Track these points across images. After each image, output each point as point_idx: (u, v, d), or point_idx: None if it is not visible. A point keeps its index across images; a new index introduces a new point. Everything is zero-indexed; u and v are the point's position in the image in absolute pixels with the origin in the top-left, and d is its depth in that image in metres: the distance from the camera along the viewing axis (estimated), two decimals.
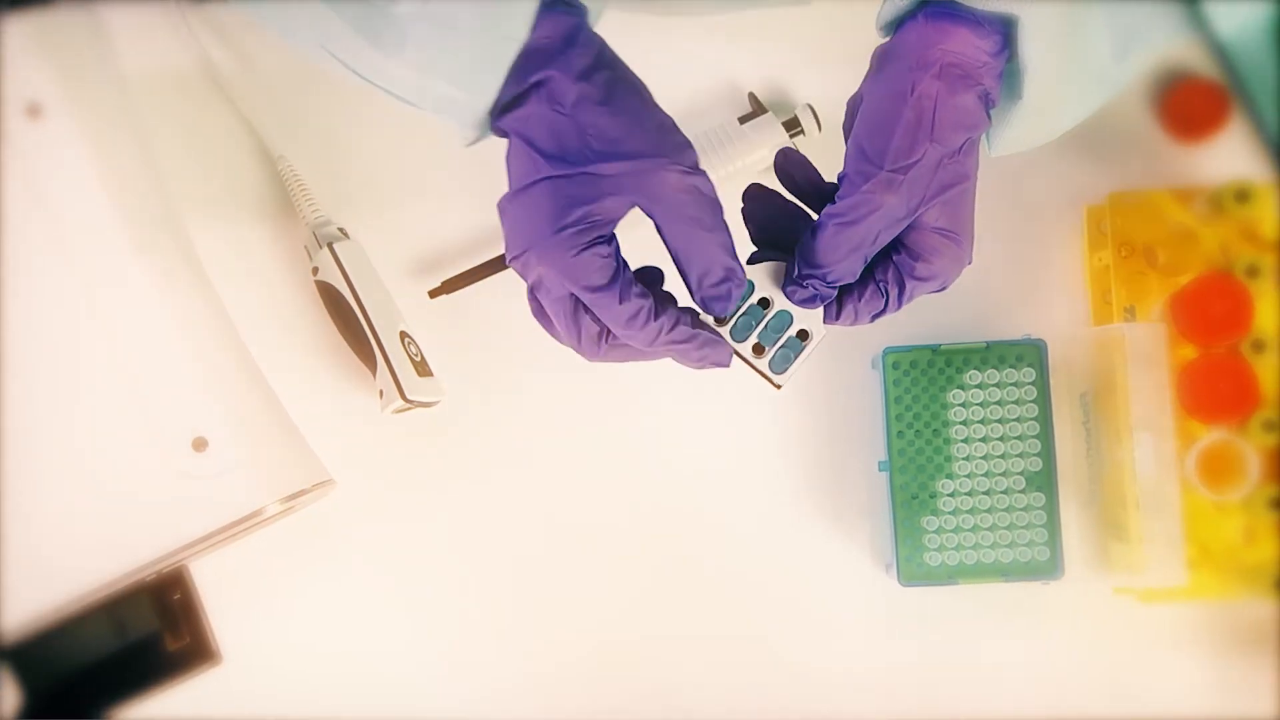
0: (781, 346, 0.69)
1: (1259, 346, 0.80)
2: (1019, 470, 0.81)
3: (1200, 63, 0.86)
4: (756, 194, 0.69)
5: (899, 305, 0.69)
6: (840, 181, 0.67)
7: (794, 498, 0.84)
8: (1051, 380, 0.82)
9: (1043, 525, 0.81)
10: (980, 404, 0.81)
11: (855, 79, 0.69)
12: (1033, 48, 0.66)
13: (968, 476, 0.81)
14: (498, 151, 0.70)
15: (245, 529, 0.76)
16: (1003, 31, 0.66)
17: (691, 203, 0.65)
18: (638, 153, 0.64)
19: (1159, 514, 0.78)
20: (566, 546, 0.84)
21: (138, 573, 0.73)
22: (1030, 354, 0.81)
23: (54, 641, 0.76)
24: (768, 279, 0.69)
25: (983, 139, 0.69)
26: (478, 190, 0.83)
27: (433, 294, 0.83)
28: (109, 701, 0.79)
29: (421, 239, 0.85)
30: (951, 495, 0.81)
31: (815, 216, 0.68)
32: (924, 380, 0.82)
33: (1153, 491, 0.78)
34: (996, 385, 0.81)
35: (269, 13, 0.69)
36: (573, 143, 0.64)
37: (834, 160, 0.68)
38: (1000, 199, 0.85)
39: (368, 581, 0.83)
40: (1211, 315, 0.80)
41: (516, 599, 0.84)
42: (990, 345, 0.82)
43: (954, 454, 0.81)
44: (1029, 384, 0.81)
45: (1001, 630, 0.83)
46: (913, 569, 0.81)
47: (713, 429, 0.85)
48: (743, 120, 0.84)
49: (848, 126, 0.69)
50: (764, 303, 0.69)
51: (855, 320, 0.69)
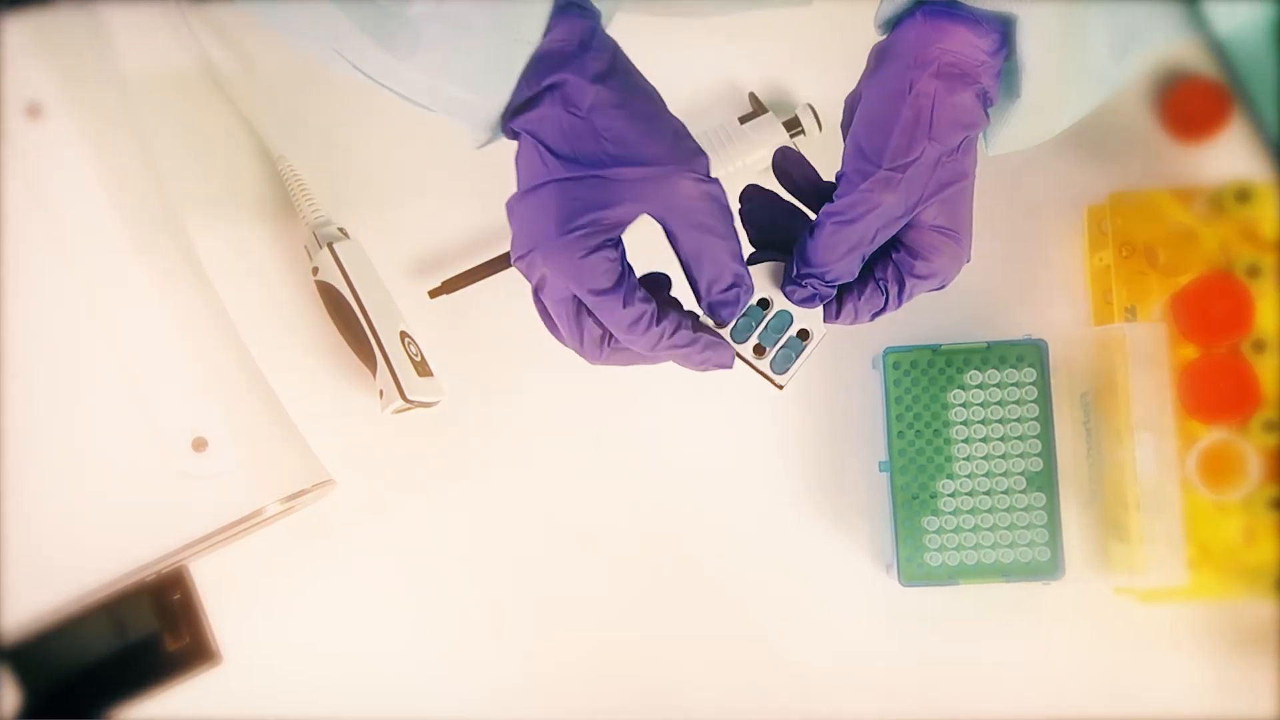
0: (782, 347, 0.69)
1: (1260, 346, 0.80)
2: (1019, 470, 0.81)
3: (1200, 63, 0.86)
4: (754, 195, 0.69)
5: (899, 303, 0.69)
6: (838, 181, 0.66)
7: (794, 498, 0.84)
8: (1052, 380, 0.81)
9: (1043, 525, 0.81)
10: (981, 404, 0.81)
11: (855, 79, 0.69)
12: (1031, 47, 0.66)
13: (968, 477, 0.81)
14: (499, 151, 0.70)
15: (245, 529, 0.75)
16: (1001, 30, 0.66)
17: (705, 210, 0.65)
18: (653, 159, 0.64)
19: (1159, 514, 0.78)
20: (567, 546, 0.84)
21: (137, 573, 0.73)
22: (1031, 354, 0.81)
23: (54, 642, 0.76)
24: (767, 279, 0.69)
25: (980, 137, 0.69)
26: (478, 190, 0.83)
27: (433, 294, 0.83)
28: (108, 702, 0.79)
29: (421, 239, 0.85)
30: (952, 495, 0.81)
31: (813, 216, 0.68)
32: (924, 380, 0.82)
33: (1153, 492, 0.78)
34: (997, 385, 0.81)
35: (278, 14, 0.69)
36: (587, 146, 0.64)
37: (835, 160, 0.68)
38: (1001, 199, 0.85)
39: (368, 582, 0.83)
40: (1212, 315, 0.80)
41: (516, 599, 0.84)
42: (991, 345, 0.82)
43: (954, 454, 0.81)
44: (1030, 384, 0.81)
45: (1002, 630, 0.83)
46: (913, 569, 0.81)
47: (713, 429, 0.85)
48: (743, 120, 0.84)
49: (846, 125, 0.69)
50: (763, 303, 0.69)
51: (855, 319, 0.69)
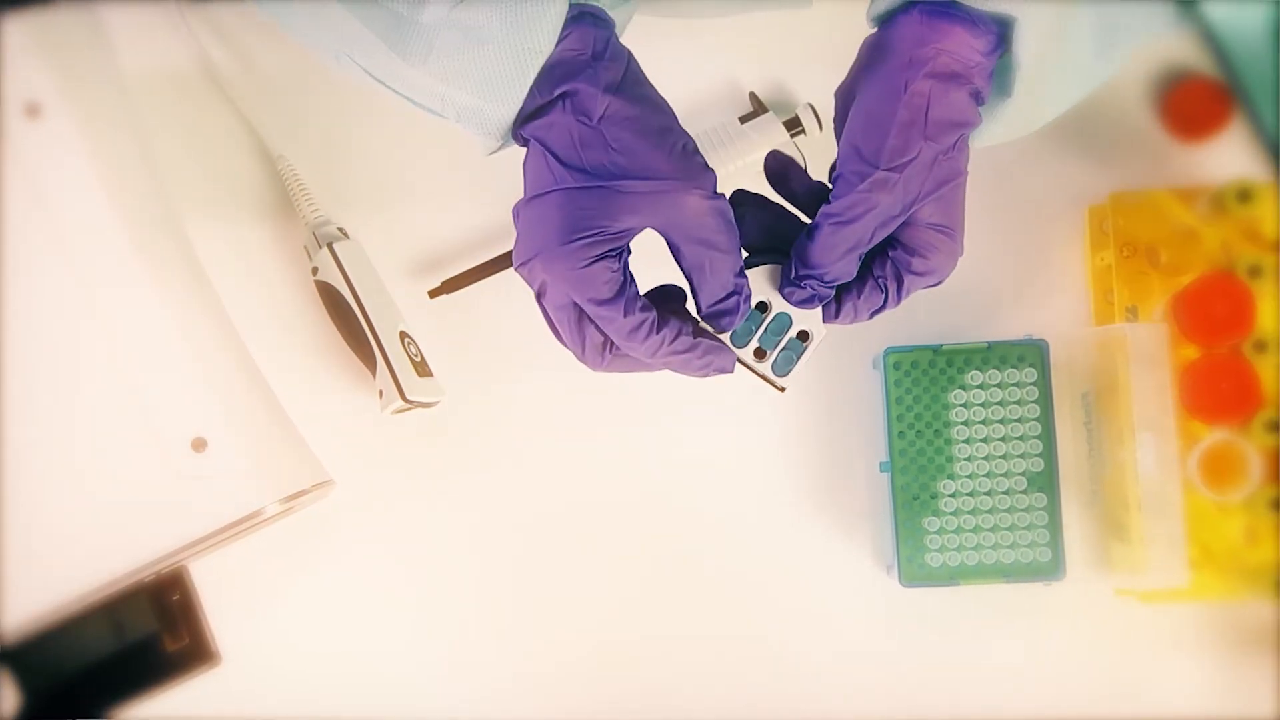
0: (783, 349, 0.69)
1: (1261, 347, 0.80)
2: (1020, 471, 0.81)
3: (1201, 62, 0.85)
4: (743, 199, 0.69)
5: (897, 301, 0.69)
6: (834, 181, 0.66)
7: (795, 498, 0.84)
8: (1053, 380, 0.81)
9: (1044, 526, 0.80)
10: (982, 404, 0.81)
11: None
12: (1027, 47, 0.66)
13: (969, 477, 0.81)
14: (501, 152, 0.70)
15: (245, 529, 0.75)
16: (997, 31, 0.66)
17: (710, 226, 0.65)
18: (660, 173, 0.64)
19: (1161, 515, 0.78)
20: (566, 546, 0.84)
21: (137, 573, 0.73)
22: (1032, 354, 0.81)
23: (53, 642, 0.76)
24: (765, 282, 0.69)
25: None
26: (478, 190, 0.84)
27: (433, 294, 0.83)
28: (108, 703, 0.79)
29: (421, 239, 0.85)
30: (953, 496, 0.81)
31: (805, 218, 0.68)
32: (925, 380, 0.81)
33: (1154, 492, 0.78)
34: (998, 385, 0.81)
35: (291, 18, 0.69)
36: (596, 156, 0.64)
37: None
38: (1002, 199, 0.85)
39: (367, 582, 0.83)
40: (1213, 315, 0.80)
41: (516, 599, 0.84)
42: (992, 345, 0.81)
43: (955, 454, 0.81)
44: (1030, 384, 0.81)
45: (1003, 631, 0.83)
46: (914, 570, 0.81)
47: (713, 429, 0.85)
48: (743, 120, 0.84)
49: (839, 119, 0.68)
50: (762, 306, 0.69)
51: (855, 318, 0.69)
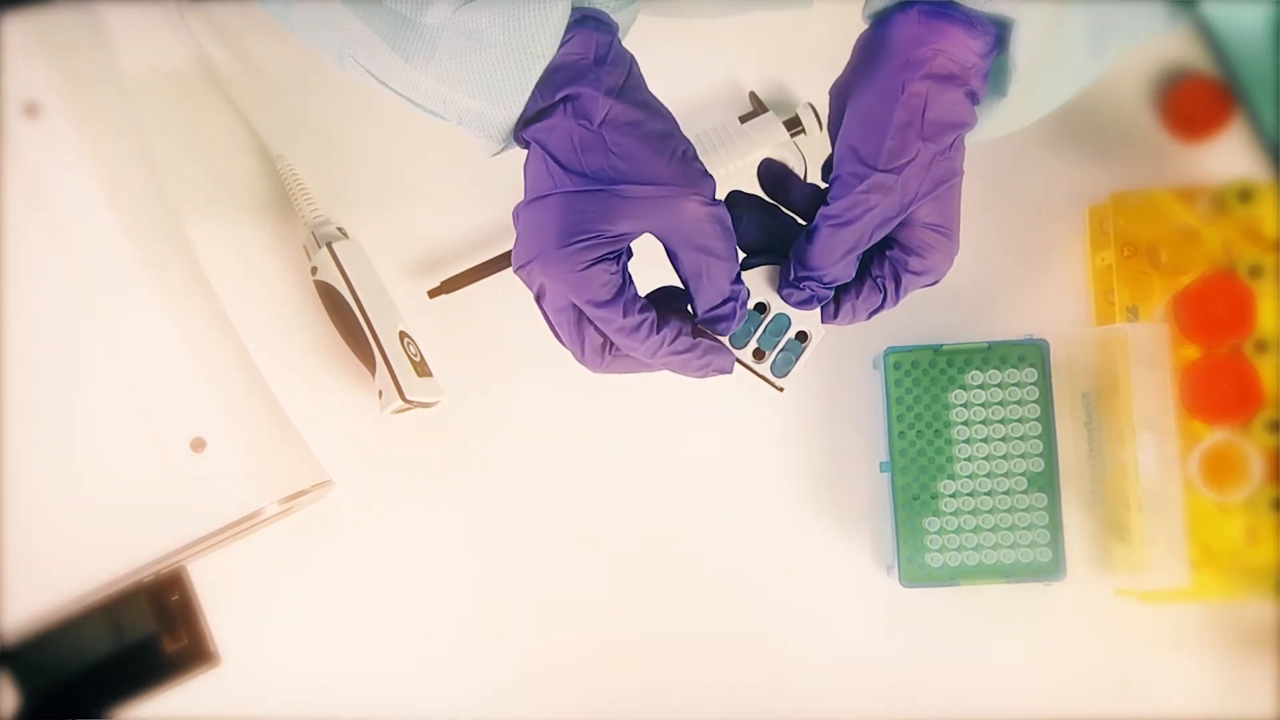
0: (782, 350, 0.69)
1: (1262, 347, 0.80)
2: (1021, 471, 0.81)
3: (1202, 62, 0.85)
4: (738, 200, 0.69)
5: (895, 300, 0.69)
6: (831, 183, 0.66)
7: (795, 498, 0.84)
8: (1053, 380, 0.81)
9: (1044, 526, 0.80)
10: (982, 404, 0.81)
11: None
12: (1024, 48, 0.65)
13: (969, 477, 0.81)
14: (501, 154, 0.70)
15: (244, 530, 0.75)
16: (994, 32, 0.66)
17: (708, 233, 0.65)
18: (660, 179, 0.64)
19: (1161, 515, 0.78)
20: (566, 546, 0.84)
21: (136, 574, 0.73)
22: (1032, 354, 0.81)
23: (52, 643, 0.76)
24: (763, 283, 0.69)
25: None
26: (477, 190, 0.83)
27: (432, 294, 0.83)
28: (107, 703, 0.79)
29: (421, 239, 0.85)
30: (953, 496, 0.81)
31: (799, 220, 0.68)
32: (925, 380, 0.81)
33: (1155, 492, 0.78)
34: (998, 385, 0.81)
35: (294, 18, 0.69)
36: (596, 160, 0.64)
37: None
38: (1002, 199, 0.85)
39: (367, 582, 0.83)
40: (1214, 315, 0.80)
41: (516, 599, 0.84)
42: (992, 345, 0.81)
43: (955, 454, 0.81)
44: (1031, 384, 0.81)
45: (1003, 631, 0.83)
46: (914, 570, 0.81)
47: (714, 429, 0.84)
48: (743, 119, 0.84)
49: (834, 117, 0.68)
50: (760, 307, 0.69)
51: (854, 318, 0.69)
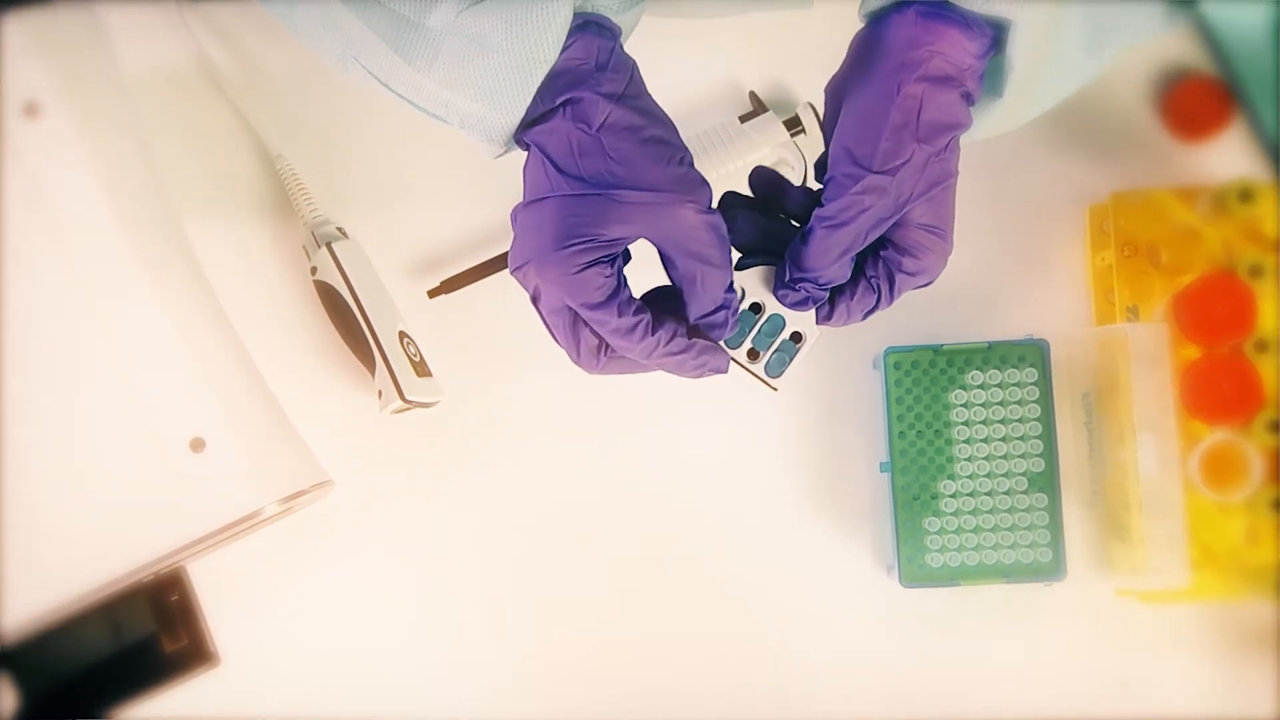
0: (776, 350, 0.69)
1: (1262, 347, 0.80)
2: (1021, 471, 0.81)
3: (1202, 61, 0.85)
4: (732, 201, 0.69)
5: (890, 301, 0.69)
6: (825, 184, 0.66)
7: (795, 498, 0.84)
8: (1054, 380, 0.81)
9: (1045, 526, 0.80)
10: (982, 404, 0.81)
11: None
12: (1021, 49, 0.65)
13: (969, 477, 0.81)
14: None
15: (244, 530, 0.75)
16: (991, 34, 0.65)
17: (703, 240, 0.65)
18: (656, 185, 0.64)
19: (1162, 515, 0.78)
20: (566, 546, 0.84)
21: (136, 574, 0.73)
22: (1032, 354, 0.81)
23: (51, 643, 0.76)
24: (759, 283, 0.69)
25: None
26: (477, 190, 0.83)
27: (432, 294, 0.83)
28: (106, 704, 0.79)
29: (420, 239, 0.85)
30: (953, 496, 0.81)
31: (794, 223, 0.68)
32: (925, 380, 0.81)
33: (1155, 492, 0.78)
34: (998, 385, 0.81)
35: (298, 20, 0.69)
36: (593, 164, 0.64)
37: None
38: (1002, 199, 0.84)
39: (366, 582, 0.83)
40: (1214, 315, 0.80)
41: (516, 599, 0.84)
42: (992, 345, 0.81)
43: (956, 455, 0.81)
44: (1031, 384, 0.81)
45: (1003, 631, 0.83)
46: (914, 570, 0.81)
47: (713, 429, 0.84)
48: (743, 119, 0.84)
49: (829, 116, 0.68)
50: (755, 307, 0.69)
51: (848, 319, 0.69)
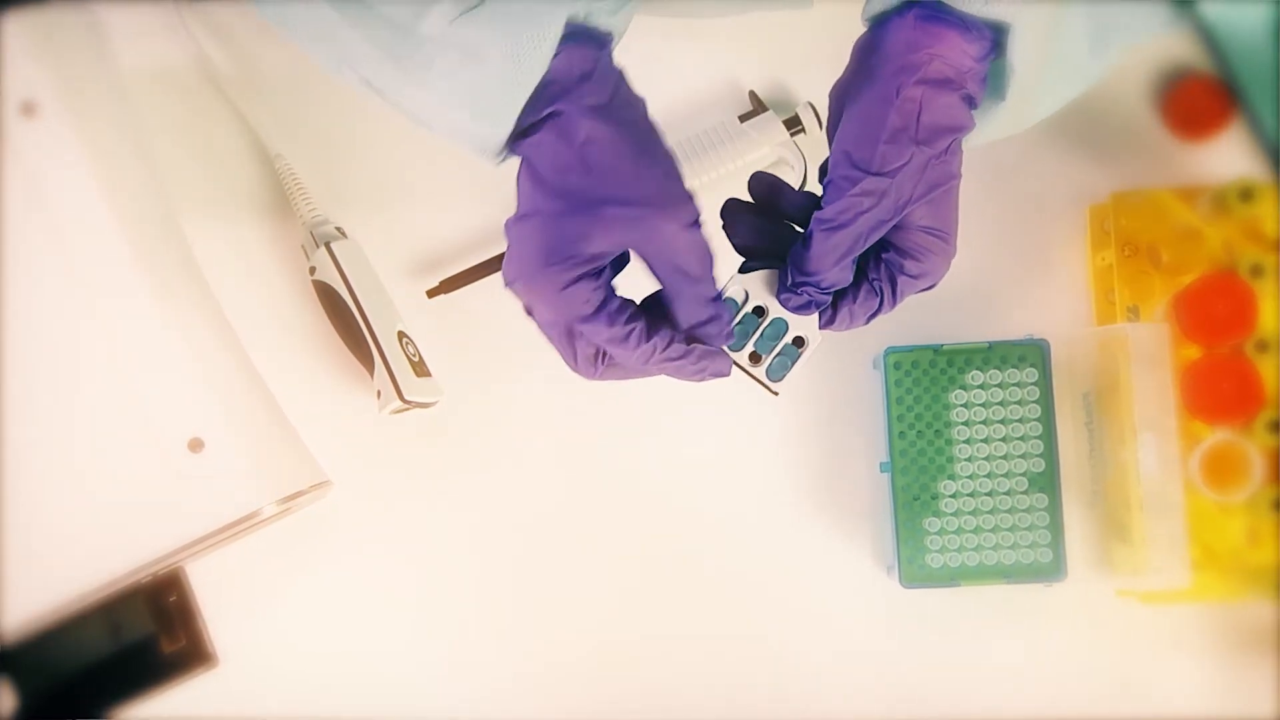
0: (778, 354, 0.69)
1: (1263, 347, 0.80)
2: (1021, 471, 0.81)
3: (1203, 61, 0.85)
4: (733, 207, 0.69)
5: (893, 304, 0.69)
6: (825, 187, 0.66)
7: (795, 498, 0.84)
8: (1054, 380, 0.81)
9: (1045, 527, 0.80)
10: (982, 404, 0.81)
11: None
12: (1022, 52, 0.65)
13: (970, 477, 0.81)
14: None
15: (242, 530, 0.75)
16: (991, 36, 0.65)
17: (682, 255, 0.65)
18: (637, 199, 0.64)
19: (1162, 515, 0.78)
20: (566, 546, 0.84)
21: (134, 574, 0.73)
22: (1033, 354, 0.81)
23: (50, 644, 0.76)
24: (762, 287, 0.69)
25: None
26: (476, 190, 0.83)
27: (431, 294, 0.83)
28: (104, 704, 0.79)
29: (419, 238, 0.85)
30: (953, 496, 0.81)
31: (796, 227, 0.68)
32: (926, 380, 0.81)
33: (1156, 493, 0.78)
34: (999, 385, 0.81)
35: (294, 28, 0.69)
36: (576, 179, 0.64)
37: None
38: (1003, 198, 0.84)
39: (366, 582, 0.83)
40: (1215, 315, 0.79)
41: (516, 599, 0.84)
42: (992, 345, 0.81)
43: (956, 455, 0.81)
44: (1031, 384, 0.81)
45: (1004, 632, 0.83)
46: (914, 570, 0.80)
47: (713, 429, 0.84)
48: (743, 118, 0.83)
49: (833, 120, 0.68)
50: (759, 311, 0.69)
51: (851, 323, 0.69)
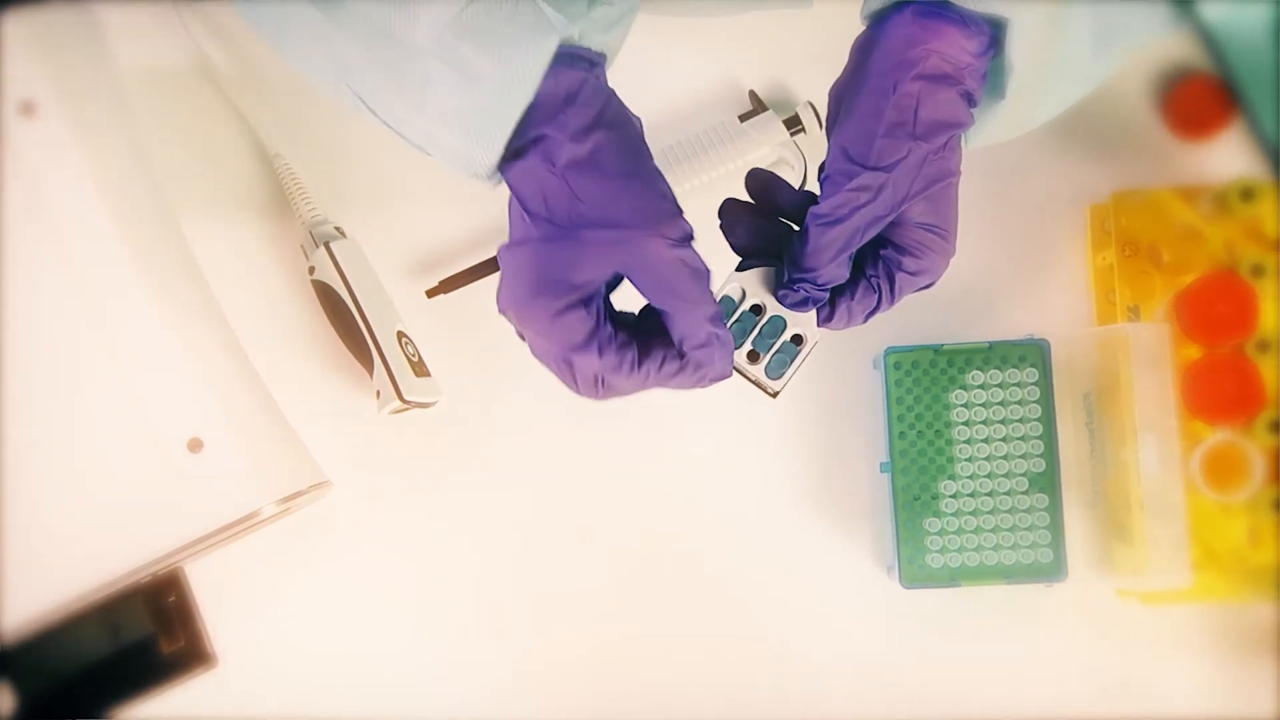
0: (776, 352, 0.69)
1: (1264, 346, 0.80)
2: (1022, 471, 0.80)
3: (1203, 60, 0.85)
4: (731, 207, 0.68)
5: (891, 302, 0.68)
6: (822, 183, 0.66)
7: (795, 498, 0.84)
8: (1055, 380, 0.81)
9: (1046, 527, 0.80)
10: (983, 404, 0.81)
11: None
12: (1020, 49, 0.65)
13: (970, 478, 0.81)
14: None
15: (242, 530, 0.75)
16: (989, 33, 0.65)
17: (674, 275, 0.64)
18: (623, 221, 0.63)
19: (1163, 515, 0.78)
20: (566, 546, 0.84)
21: (133, 574, 0.73)
22: (1033, 354, 0.81)
23: (49, 644, 0.75)
24: (759, 285, 0.69)
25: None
26: (475, 190, 0.82)
27: (430, 293, 0.83)
28: (103, 705, 0.78)
29: (419, 238, 0.84)
30: (954, 496, 0.81)
31: (794, 226, 0.68)
32: (926, 380, 0.81)
33: (1157, 493, 0.78)
34: (999, 385, 0.81)
35: (289, 45, 0.69)
36: (561, 205, 0.64)
37: None
38: (1003, 198, 0.84)
39: (365, 582, 0.83)
40: (1216, 315, 0.79)
41: (516, 598, 0.83)
42: (993, 345, 0.81)
43: (956, 455, 0.81)
44: (1032, 384, 0.81)
45: (1004, 632, 0.83)
46: (914, 571, 0.80)
47: (714, 428, 0.84)
48: (743, 118, 0.83)
49: (831, 118, 0.68)
50: (756, 309, 0.69)
51: (849, 321, 0.68)
